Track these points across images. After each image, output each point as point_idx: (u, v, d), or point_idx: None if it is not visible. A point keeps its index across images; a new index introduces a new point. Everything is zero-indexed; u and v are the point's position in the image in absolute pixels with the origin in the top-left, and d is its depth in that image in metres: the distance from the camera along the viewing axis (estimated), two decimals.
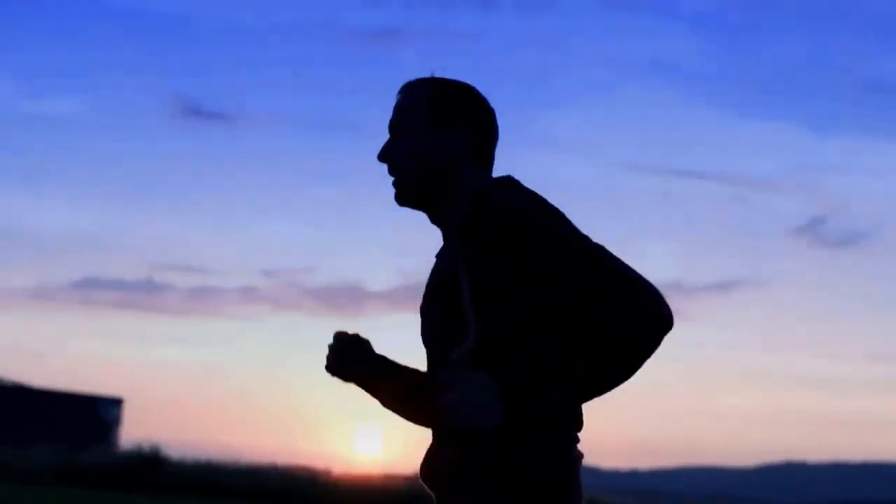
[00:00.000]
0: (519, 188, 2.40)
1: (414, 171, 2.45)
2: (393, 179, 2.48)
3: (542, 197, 2.37)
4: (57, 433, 31.80)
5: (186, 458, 24.76)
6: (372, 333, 2.61)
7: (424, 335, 2.49)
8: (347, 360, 2.53)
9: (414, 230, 2.56)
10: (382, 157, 2.49)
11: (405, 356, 2.60)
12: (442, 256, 2.49)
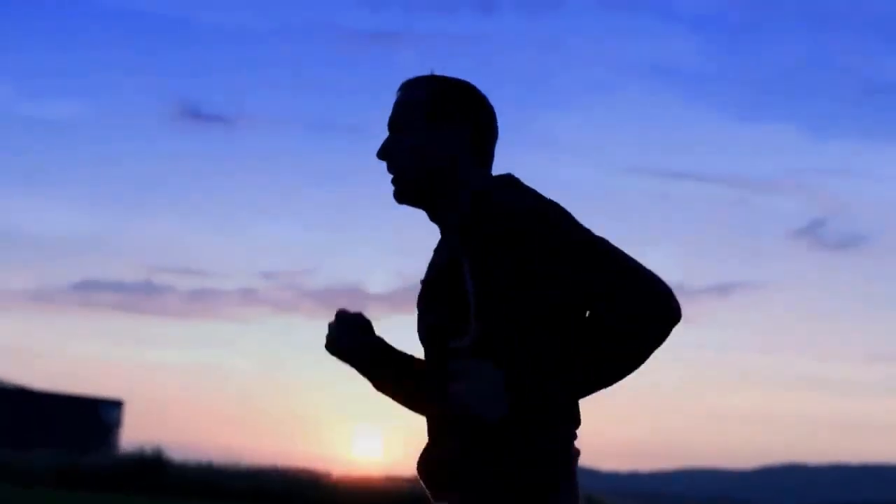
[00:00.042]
0: (519, 186, 2.40)
1: (413, 168, 2.43)
2: (392, 177, 2.46)
3: (542, 195, 2.36)
4: (57, 435, 31.79)
5: (188, 460, 24.77)
6: None
7: (421, 330, 2.48)
8: (349, 339, 2.52)
9: (413, 231, 2.56)
10: (382, 154, 2.47)
11: None
12: (440, 252, 2.48)
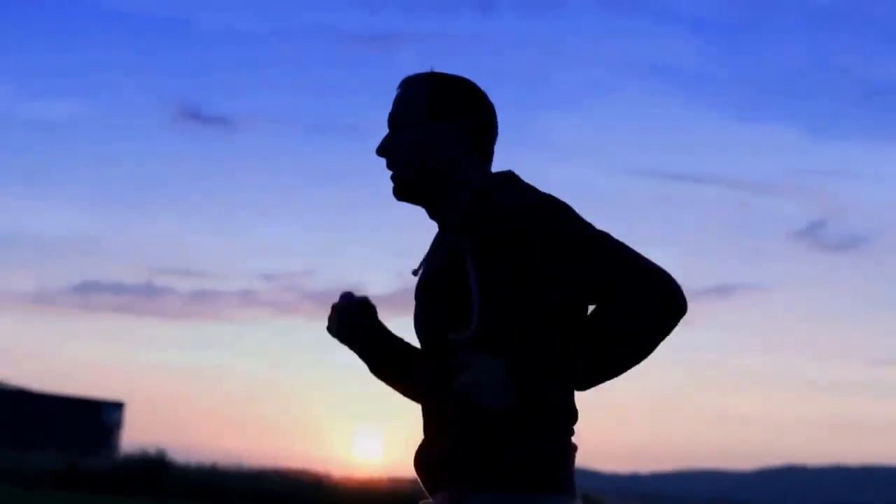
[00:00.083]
0: (519, 184, 2.39)
1: (412, 165, 2.42)
2: (391, 174, 2.45)
3: (542, 192, 2.35)
4: (58, 437, 31.81)
5: (191, 462, 24.82)
6: None
7: (420, 322, 2.45)
8: (350, 322, 2.51)
9: (414, 233, 2.54)
10: (381, 151, 2.46)
11: None
12: (438, 246, 2.45)
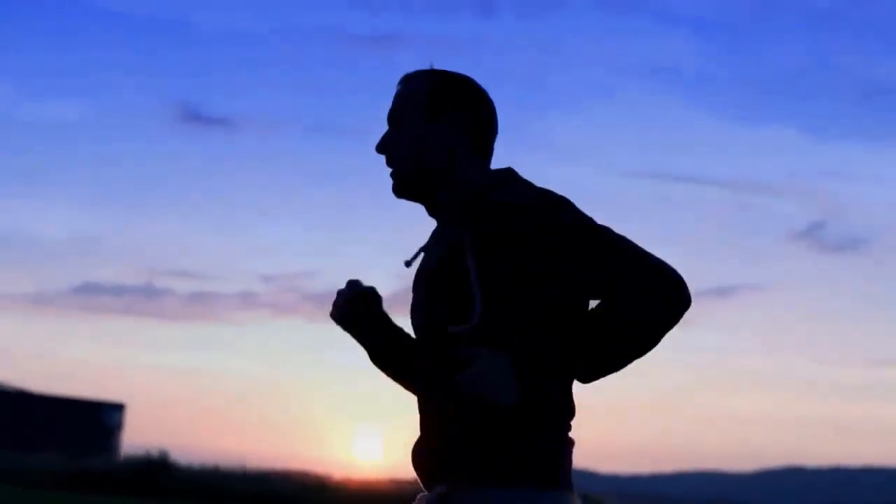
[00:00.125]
0: (519, 182, 2.38)
1: (412, 162, 2.41)
2: (391, 171, 2.45)
3: (541, 188, 2.35)
4: (59, 438, 31.85)
5: (193, 463, 24.83)
6: None
7: (417, 315, 2.45)
8: (353, 309, 2.49)
9: (413, 233, 2.54)
10: (380, 148, 2.45)
11: None
12: (437, 241, 2.44)
